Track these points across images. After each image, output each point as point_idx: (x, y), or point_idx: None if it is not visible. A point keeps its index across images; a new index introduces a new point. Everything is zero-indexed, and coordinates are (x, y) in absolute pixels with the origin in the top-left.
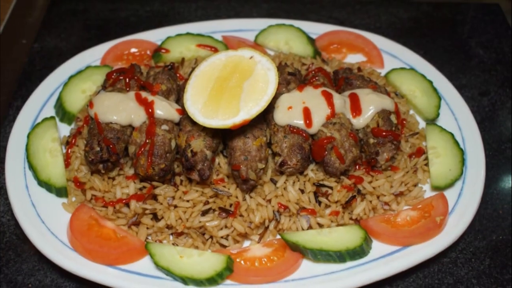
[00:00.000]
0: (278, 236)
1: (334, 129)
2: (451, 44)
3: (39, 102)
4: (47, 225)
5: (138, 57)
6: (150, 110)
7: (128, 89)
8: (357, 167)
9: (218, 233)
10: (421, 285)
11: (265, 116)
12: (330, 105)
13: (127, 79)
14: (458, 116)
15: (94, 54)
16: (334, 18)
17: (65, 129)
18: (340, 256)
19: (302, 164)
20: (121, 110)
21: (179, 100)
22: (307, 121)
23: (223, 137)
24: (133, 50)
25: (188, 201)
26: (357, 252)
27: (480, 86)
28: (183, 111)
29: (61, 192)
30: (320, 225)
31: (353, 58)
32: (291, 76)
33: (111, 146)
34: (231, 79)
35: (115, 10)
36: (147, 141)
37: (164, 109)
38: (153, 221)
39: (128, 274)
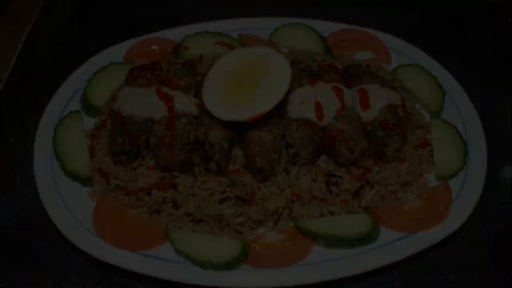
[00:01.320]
0: (292, 223)
1: (344, 122)
2: (454, 42)
3: (65, 96)
4: (73, 213)
5: (159, 54)
6: (170, 104)
7: (149, 84)
8: (365, 158)
9: (235, 220)
10: (426, 269)
11: (279, 110)
12: (340, 100)
13: (149, 75)
14: (461, 109)
15: (118, 51)
16: (345, 17)
17: (90, 122)
18: (350, 242)
19: (314, 155)
20: (142, 104)
21: (197, 94)
22: (319, 115)
23: (239, 130)
24: (154, 47)
25: (206, 190)
26: (366, 239)
27: (482, 81)
28: (201, 105)
29: (86, 181)
30: (331, 213)
31: (362, 55)
32: (304, 72)
33: (133, 138)
34: (247, 75)
35: (137, 10)
36: (167, 133)
37: (184, 103)
38: (173, 209)
39: (149, 259)
